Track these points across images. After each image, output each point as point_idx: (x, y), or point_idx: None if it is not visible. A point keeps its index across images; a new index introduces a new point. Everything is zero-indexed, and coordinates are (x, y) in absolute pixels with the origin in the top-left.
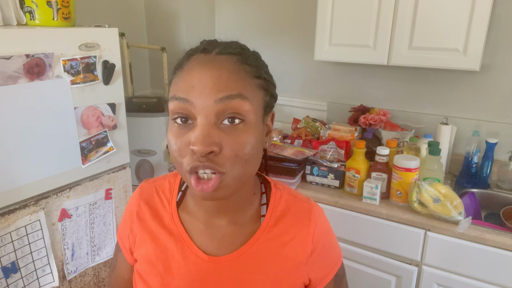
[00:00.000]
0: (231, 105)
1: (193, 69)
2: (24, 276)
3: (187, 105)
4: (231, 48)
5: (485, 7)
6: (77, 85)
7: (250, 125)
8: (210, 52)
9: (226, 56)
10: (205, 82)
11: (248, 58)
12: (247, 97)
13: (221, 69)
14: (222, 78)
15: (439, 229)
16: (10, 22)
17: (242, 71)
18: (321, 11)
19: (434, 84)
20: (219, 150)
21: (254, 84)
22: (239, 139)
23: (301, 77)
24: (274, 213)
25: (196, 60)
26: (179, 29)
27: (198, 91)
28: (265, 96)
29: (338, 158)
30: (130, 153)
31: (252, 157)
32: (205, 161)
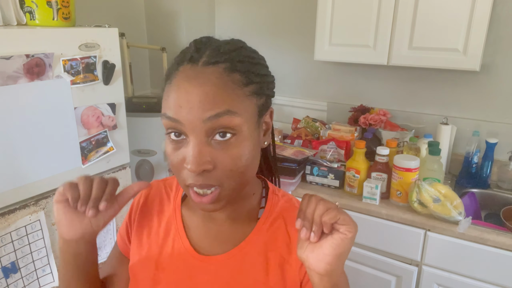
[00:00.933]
0: (219, 122)
1: (179, 86)
2: (24, 276)
3: (178, 124)
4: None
5: (485, 7)
6: (77, 85)
7: (242, 137)
8: (197, 61)
9: (213, 67)
10: (191, 102)
11: (237, 65)
12: (235, 112)
13: (207, 85)
14: (208, 96)
15: (439, 229)
16: (10, 22)
17: (229, 83)
18: (321, 11)
19: (434, 84)
20: (213, 167)
21: (244, 93)
22: (232, 154)
23: (301, 77)
24: (269, 218)
25: (183, 73)
26: (179, 29)
27: (186, 112)
28: (258, 100)
29: (338, 158)
30: (130, 153)
31: (247, 167)
32: (200, 180)
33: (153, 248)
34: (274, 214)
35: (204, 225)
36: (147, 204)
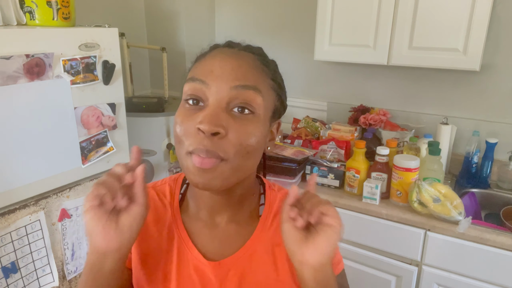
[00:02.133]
0: (244, 95)
1: (214, 57)
2: (24, 276)
3: (203, 86)
4: (253, 48)
5: (485, 7)
6: (77, 85)
7: (258, 119)
8: (233, 47)
9: (247, 53)
10: (224, 68)
11: (268, 61)
12: (261, 91)
13: (242, 60)
14: (241, 69)
15: (439, 229)
16: (10, 22)
17: (260, 69)
18: (321, 11)
19: (434, 84)
20: (225, 134)
21: (269, 84)
22: (246, 128)
23: (301, 77)
24: (270, 214)
25: (219, 51)
26: (179, 29)
27: (216, 75)
28: (276, 99)
29: (338, 158)
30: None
31: (254, 151)
32: (208, 144)
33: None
34: (274, 209)
35: (207, 229)
36: None
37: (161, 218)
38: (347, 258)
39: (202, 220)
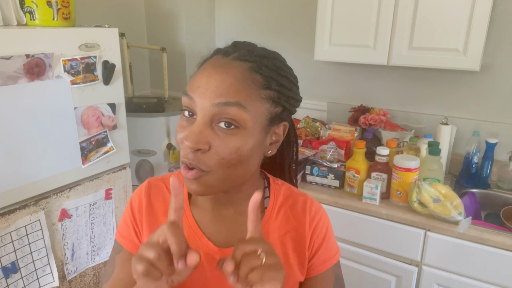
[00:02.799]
0: (227, 111)
1: (205, 69)
2: (24, 276)
3: (191, 102)
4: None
5: (485, 7)
6: (77, 85)
7: (245, 132)
8: (229, 55)
9: (240, 62)
10: (208, 84)
11: (262, 68)
12: (245, 107)
13: (228, 75)
14: (225, 84)
15: (439, 229)
16: (10, 22)
17: (249, 81)
18: (321, 11)
19: (434, 84)
20: (208, 149)
21: (259, 95)
22: (229, 143)
23: (301, 77)
24: (275, 206)
25: (213, 61)
26: (179, 29)
27: (201, 92)
28: (272, 107)
29: (338, 158)
30: (130, 153)
31: (241, 163)
32: (192, 158)
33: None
34: (278, 202)
35: (215, 220)
36: (151, 204)
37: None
38: (347, 258)
39: (209, 212)
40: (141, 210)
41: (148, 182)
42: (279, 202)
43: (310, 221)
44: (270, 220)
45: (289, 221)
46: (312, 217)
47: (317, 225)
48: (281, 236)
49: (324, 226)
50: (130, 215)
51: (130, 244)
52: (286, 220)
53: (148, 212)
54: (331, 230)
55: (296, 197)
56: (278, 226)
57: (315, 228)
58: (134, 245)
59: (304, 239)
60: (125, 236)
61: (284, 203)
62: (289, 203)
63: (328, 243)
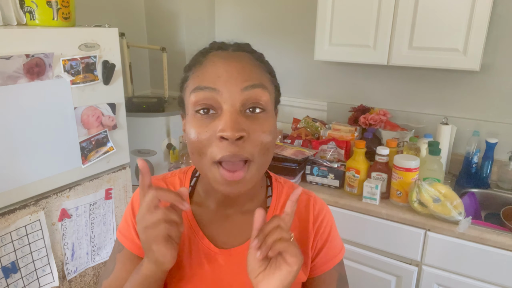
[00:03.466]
0: (254, 93)
1: (215, 62)
2: (24, 276)
3: (214, 93)
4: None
5: (485, 7)
6: (77, 85)
7: (269, 114)
8: (226, 49)
9: (242, 52)
10: (230, 72)
11: (259, 56)
12: (267, 88)
13: (244, 61)
14: (246, 69)
15: (439, 229)
16: (10, 22)
17: (259, 66)
18: (321, 11)
19: (434, 84)
20: (247, 136)
21: (268, 78)
22: (263, 126)
23: (301, 77)
24: (278, 205)
25: (216, 55)
26: (179, 29)
27: (225, 80)
28: (275, 90)
29: (338, 158)
30: (130, 153)
31: (272, 146)
32: (234, 149)
33: None
34: (281, 201)
35: (217, 220)
36: None
37: None
38: (347, 258)
39: (212, 211)
40: None
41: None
42: (282, 201)
43: (314, 220)
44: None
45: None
46: (316, 216)
47: (321, 224)
48: None
49: (328, 225)
50: (131, 215)
51: (131, 244)
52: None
53: None
54: (335, 228)
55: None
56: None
57: (318, 227)
58: (135, 245)
59: (307, 239)
60: (126, 236)
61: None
62: None
63: (332, 243)
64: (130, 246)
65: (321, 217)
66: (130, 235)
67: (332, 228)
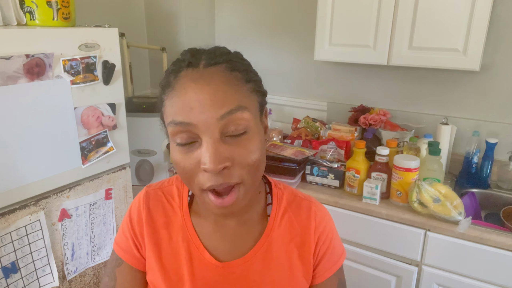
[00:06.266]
0: (232, 118)
1: (186, 88)
2: (24, 276)
3: (189, 127)
4: (217, 57)
5: (485, 7)
6: (77, 85)
7: (253, 133)
8: (197, 65)
9: (214, 67)
10: (203, 101)
11: (235, 65)
12: (246, 107)
13: (215, 83)
14: (219, 94)
15: (439, 229)
16: (10, 22)
17: (234, 80)
18: (321, 11)
19: (434, 84)
20: (231, 164)
21: (247, 90)
22: (248, 148)
23: (301, 77)
24: (278, 212)
25: (186, 77)
26: (179, 29)
27: (198, 112)
28: (258, 97)
29: (338, 158)
30: (130, 153)
31: (260, 162)
32: (220, 179)
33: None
34: (282, 208)
35: (217, 231)
36: (151, 216)
37: (171, 221)
38: (347, 258)
39: (211, 222)
40: (141, 223)
41: (145, 192)
42: (283, 208)
43: (316, 228)
44: (273, 228)
45: (293, 228)
46: (318, 223)
47: (323, 232)
48: (285, 244)
49: (330, 233)
50: (129, 228)
51: (131, 258)
52: (290, 227)
53: (148, 224)
54: (336, 234)
55: (300, 201)
56: (282, 233)
57: (320, 235)
58: (134, 259)
59: (309, 246)
60: (125, 249)
61: (288, 208)
62: (292, 208)
63: (333, 250)
64: (130, 260)
65: (323, 224)
66: (129, 249)
67: (334, 235)
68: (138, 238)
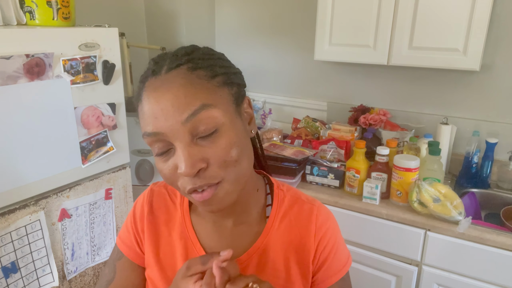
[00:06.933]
0: (199, 119)
1: (149, 99)
2: (24, 276)
3: (159, 136)
4: (178, 59)
5: (485, 7)
6: (77, 85)
7: (225, 128)
8: (159, 72)
9: (175, 70)
10: (165, 109)
11: (198, 63)
12: (211, 104)
13: (174, 87)
14: (179, 97)
15: (439, 229)
16: (10, 22)
17: (195, 79)
18: (321, 11)
19: (434, 84)
20: (207, 165)
21: (213, 85)
22: (221, 144)
23: (301, 77)
24: (278, 214)
25: (149, 87)
26: (179, 29)
27: (163, 120)
28: (230, 90)
29: (338, 158)
30: (130, 153)
31: (241, 155)
32: (198, 182)
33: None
34: (282, 211)
35: (216, 230)
36: (153, 213)
37: (172, 219)
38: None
39: (210, 221)
40: (143, 219)
41: (150, 189)
42: (283, 210)
43: (316, 232)
44: (272, 230)
45: (292, 231)
46: (318, 228)
47: (324, 237)
48: (283, 247)
49: (332, 238)
50: (132, 223)
51: (131, 252)
52: (289, 230)
53: (149, 220)
54: (341, 240)
55: (302, 204)
56: (281, 236)
57: (321, 240)
58: (135, 254)
59: (308, 252)
60: (126, 243)
61: (289, 211)
62: (293, 211)
63: (336, 256)
64: (130, 255)
65: (324, 228)
66: (131, 243)
67: (337, 240)
68: (139, 233)
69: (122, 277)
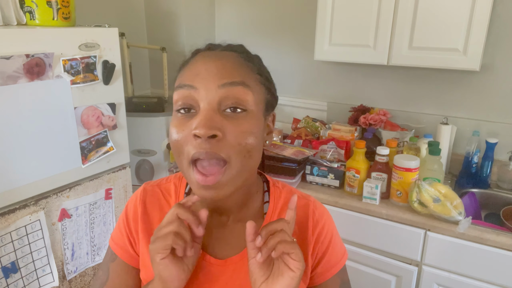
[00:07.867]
0: (233, 91)
1: (198, 60)
2: (24, 276)
3: (191, 91)
4: (235, 47)
5: (485, 7)
6: (77, 85)
7: (252, 115)
8: (215, 49)
9: (229, 52)
10: (209, 69)
11: (251, 58)
12: (249, 86)
13: (225, 59)
14: (226, 67)
15: (439, 229)
16: (10, 22)
17: (245, 66)
18: (321, 11)
19: (434, 84)
20: (222, 136)
21: (256, 78)
22: (242, 127)
23: (301, 77)
24: (275, 211)
25: (201, 55)
26: (179, 29)
27: (202, 77)
28: (266, 93)
29: (338, 158)
30: (130, 153)
31: (254, 149)
32: (207, 147)
33: None
34: (279, 207)
35: (212, 228)
36: (147, 212)
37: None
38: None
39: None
40: (137, 219)
41: (143, 188)
42: (280, 206)
43: (313, 227)
44: None
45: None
46: (316, 223)
47: (321, 232)
48: None
49: (329, 232)
50: (125, 224)
51: (125, 254)
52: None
53: (144, 220)
54: (337, 234)
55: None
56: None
57: (318, 235)
58: (128, 255)
59: (307, 247)
60: (120, 245)
61: (285, 207)
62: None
63: (333, 250)
64: (124, 256)
65: (321, 223)
66: (124, 245)
67: (334, 234)
68: (133, 234)
69: (115, 279)
